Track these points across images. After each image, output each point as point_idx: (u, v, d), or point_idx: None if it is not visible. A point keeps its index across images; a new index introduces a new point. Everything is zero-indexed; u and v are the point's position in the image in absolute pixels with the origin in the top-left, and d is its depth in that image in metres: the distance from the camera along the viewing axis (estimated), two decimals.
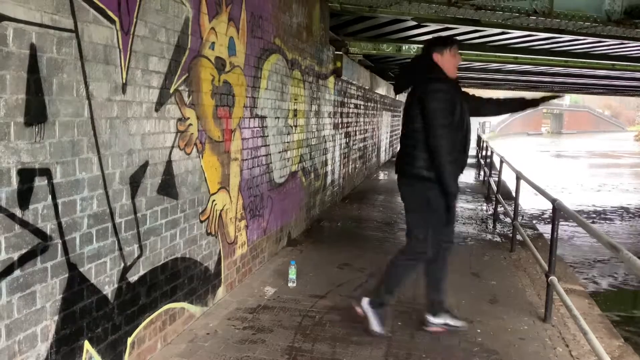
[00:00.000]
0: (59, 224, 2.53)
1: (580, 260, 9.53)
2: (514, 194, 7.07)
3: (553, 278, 4.16)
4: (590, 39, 8.74)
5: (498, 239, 7.26)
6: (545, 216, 12.29)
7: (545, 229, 9.39)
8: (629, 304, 7.85)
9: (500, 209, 8.63)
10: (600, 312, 4.72)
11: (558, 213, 4.22)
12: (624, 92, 27.24)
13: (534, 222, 10.23)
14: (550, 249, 4.32)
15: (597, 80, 18.26)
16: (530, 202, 12.86)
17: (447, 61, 3.66)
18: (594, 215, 14.00)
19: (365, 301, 3.88)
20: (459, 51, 3.79)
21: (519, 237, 6.39)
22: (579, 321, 3.49)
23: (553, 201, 4.27)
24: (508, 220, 8.22)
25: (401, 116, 3.90)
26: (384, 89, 15.26)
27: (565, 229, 11.26)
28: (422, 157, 3.60)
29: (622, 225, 13.34)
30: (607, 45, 10.13)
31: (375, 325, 3.81)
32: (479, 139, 20.14)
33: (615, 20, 6.27)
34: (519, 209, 6.98)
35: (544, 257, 4.77)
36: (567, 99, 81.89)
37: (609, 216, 14.27)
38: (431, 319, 3.96)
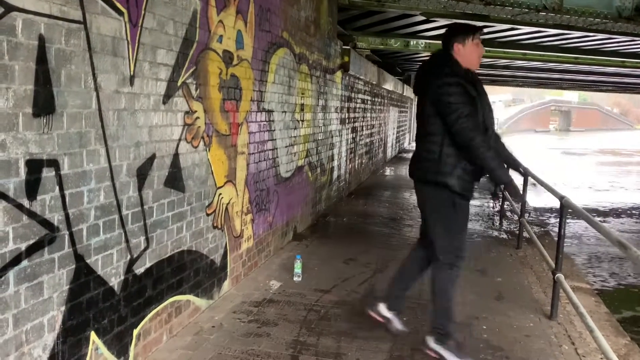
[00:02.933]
0: (66, 215, 2.54)
1: (587, 258, 9.48)
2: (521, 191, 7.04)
3: (560, 275, 4.14)
4: (600, 36, 8.67)
5: (504, 236, 7.24)
6: (553, 213, 12.23)
7: (552, 227, 9.36)
8: (636, 302, 7.80)
9: (507, 206, 8.59)
10: (606, 310, 4.69)
11: (566, 210, 4.20)
12: (634, 90, 27.05)
13: (541, 219, 10.19)
14: (557, 246, 4.29)
15: (607, 78, 18.14)
16: (538, 199, 12.80)
17: (470, 51, 3.30)
18: (602, 213, 13.93)
19: (431, 340, 3.43)
20: None
21: (525, 234, 6.36)
22: (586, 319, 3.47)
23: (561, 198, 4.25)
24: (515, 217, 8.19)
25: (415, 117, 3.52)
26: (391, 84, 15.21)
27: (573, 226, 11.21)
28: (438, 161, 3.25)
29: (631, 223, 13.26)
30: (618, 42, 10.05)
31: None
32: None
33: (626, 17, 6.21)
34: (526, 205, 6.94)
35: (551, 255, 4.75)
36: (576, 97, 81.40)
37: (617, 214, 14.19)
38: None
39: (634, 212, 14.78)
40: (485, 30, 9.61)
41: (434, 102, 3.22)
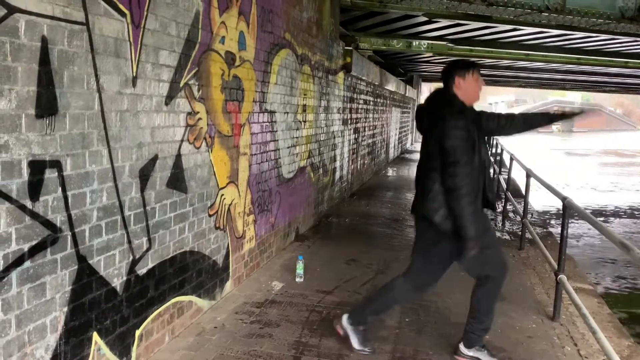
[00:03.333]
0: (69, 216, 2.55)
1: (589, 259, 9.47)
2: (523, 192, 7.03)
3: (562, 276, 4.13)
4: (603, 36, 8.65)
5: (507, 237, 7.23)
6: (555, 214, 12.21)
7: (554, 228, 9.34)
8: (639, 304, 7.78)
9: (509, 207, 8.58)
10: (609, 311, 4.68)
11: (568, 211, 4.19)
12: (637, 91, 26.99)
13: (544, 219, 10.17)
14: (560, 247, 4.29)
15: (610, 78, 18.11)
16: (540, 200, 12.78)
17: (470, 85, 3.33)
18: (605, 214, 13.90)
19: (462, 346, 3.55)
20: (476, 75, 3.38)
21: (528, 235, 6.35)
22: (588, 320, 3.46)
23: (563, 199, 4.24)
24: (517, 218, 8.18)
25: (420, 149, 3.53)
26: (393, 84, 15.21)
27: (575, 227, 11.19)
28: (436, 199, 3.26)
29: (634, 224, 13.23)
30: (621, 42, 10.03)
31: None
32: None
33: (629, 17, 6.20)
34: (529, 207, 6.93)
35: (553, 256, 4.74)
36: (579, 97, 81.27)
37: (620, 215, 14.15)
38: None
39: (636, 213, 14.75)
40: (488, 30, 9.61)
41: (439, 140, 3.21)
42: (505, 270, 3.49)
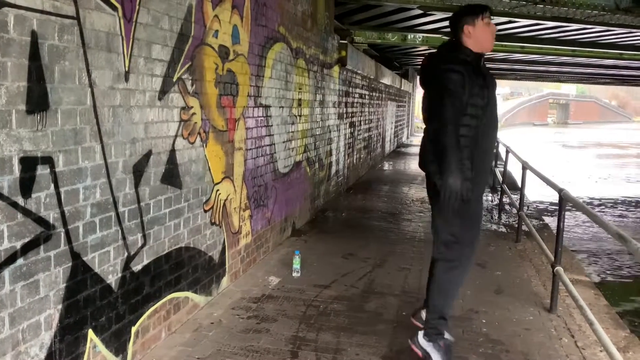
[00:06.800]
0: (62, 213, 2.52)
1: (586, 251, 9.49)
2: (519, 184, 7.03)
3: (559, 268, 4.13)
4: (598, 28, 8.66)
5: (503, 230, 7.23)
6: (552, 207, 12.24)
7: (550, 220, 9.36)
8: (636, 295, 7.81)
9: (505, 200, 8.58)
10: (606, 302, 4.68)
11: (565, 203, 4.19)
12: (631, 82, 27.06)
13: (540, 212, 10.18)
14: (556, 239, 4.28)
15: (605, 70, 18.15)
16: (536, 193, 12.80)
17: (482, 32, 3.06)
18: (601, 206, 13.93)
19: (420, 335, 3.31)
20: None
21: (524, 227, 6.35)
22: (585, 311, 3.46)
23: (560, 191, 4.24)
24: (514, 210, 8.19)
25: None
26: (389, 78, 15.17)
27: (571, 219, 11.21)
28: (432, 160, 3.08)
29: (630, 216, 13.27)
30: (615, 34, 10.04)
31: None
32: None
33: (624, 9, 6.20)
34: (525, 199, 6.93)
35: (550, 248, 4.74)
36: (574, 90, 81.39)
37: (616, 207, 14.19)
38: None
39: (632, 204, 14.80)
40: None
41: (433, 86, 3.05)
42: (469, 259, 3.24)
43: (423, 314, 3.46)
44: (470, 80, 2.96)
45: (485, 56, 3.25)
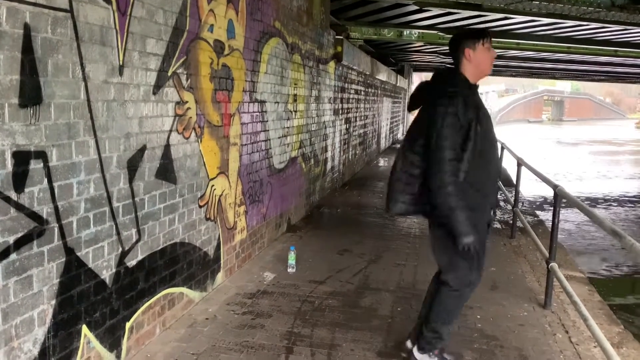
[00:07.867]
0: (56, 208, 2.50)
1: (580, 247, 9.53)
2: (514, 181, 7.05)
3: (553, 264, 4.14)
4: (594, 25, 8.66)
5: (498, 226, 7.25)
6: (546, 203, 12.27)
7: (545, 216, 9.39)
8: (629, 291, 7.86)
9: (500, 196, 8.60)
10: (600, 298, 4.71)
11: (559, 199, 4.20)
12: (626, 80, 27.12)
13: (535, 208, 10.21)
14: (551, 235, 4.29)
15: (599, 67, 18.18)
16: (531, 189, 12.84)
17: (482, 56, 3.00)
18: (596, 203, 13.99)
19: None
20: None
21: (519, 223, 6.37)
22: (579, 307, 3.47)
23: (554, 187, 4.24)
24: (509, 206, 8.20)
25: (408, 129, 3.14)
26: (384, 74, 15.16)
27: (566, 216, 11.25)
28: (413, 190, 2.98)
29: (624, 212, 13.33)
30: (611, 31, 10.04)
31: None
32: None
33: (619, 6, 6.20)
34: (520, 195, 6.95)
35: (545, 244, 4.75)
36: (568, 87, 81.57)
37: (610, 203, 14.25)
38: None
39: (626, 200, 14.87)
40: (479, 19, 9.58)
41: (429, 119, 2.90)
42: (475, 284, 3.12)
43: (408, 343, 3.31)
44: (466, 117, 2.85)
45: None
